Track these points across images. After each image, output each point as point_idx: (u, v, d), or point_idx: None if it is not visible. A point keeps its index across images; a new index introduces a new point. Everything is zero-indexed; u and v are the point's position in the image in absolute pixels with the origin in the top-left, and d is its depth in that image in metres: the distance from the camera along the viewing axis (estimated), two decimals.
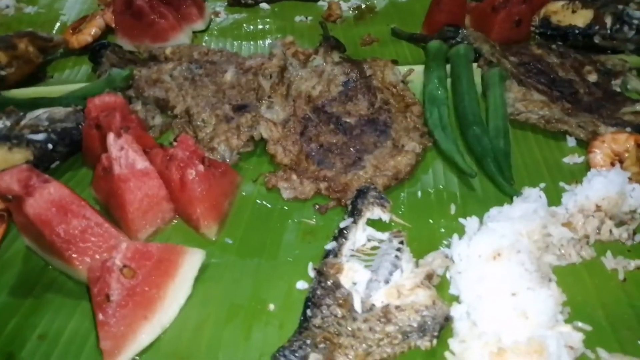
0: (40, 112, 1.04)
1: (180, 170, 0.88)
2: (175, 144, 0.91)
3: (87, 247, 0.76)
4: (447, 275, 0.80)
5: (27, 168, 0.77)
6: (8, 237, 0.90)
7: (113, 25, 1.43)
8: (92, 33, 1.42)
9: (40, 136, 0.98)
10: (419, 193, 0.95)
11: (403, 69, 1.18)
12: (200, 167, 0.89)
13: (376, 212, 0.87)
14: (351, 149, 1.01)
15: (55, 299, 0.79)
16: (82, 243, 0.75)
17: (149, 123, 1.11)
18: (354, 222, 0.85)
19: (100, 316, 0.67)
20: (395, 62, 1.24)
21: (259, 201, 0.96)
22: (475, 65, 1.20)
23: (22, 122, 1.01)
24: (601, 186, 0.87)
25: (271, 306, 0.77)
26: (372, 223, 0.86)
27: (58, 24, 1.56)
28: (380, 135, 1.03)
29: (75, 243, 0.75)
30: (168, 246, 0.77)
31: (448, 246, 0.84)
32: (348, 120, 1.06)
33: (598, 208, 0.85)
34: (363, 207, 0.86)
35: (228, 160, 1.02)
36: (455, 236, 0.83)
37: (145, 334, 0.70)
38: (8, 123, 1.00)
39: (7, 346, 0.73)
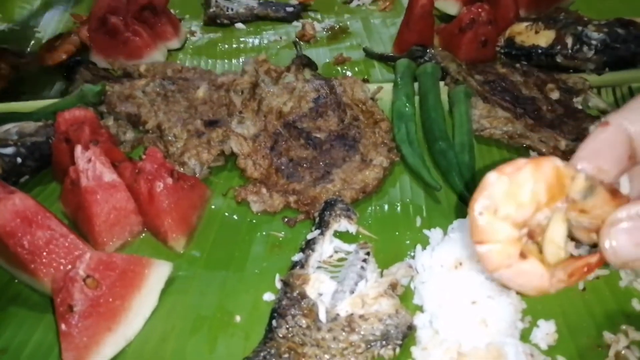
0: (9, 126, 1.04)
1: (148, 183, 0.88)
2: (144, 157, 0.91)
3: (52, 258, 0.76)
4: (411, 286, 0.82)
5: None
6: None
7: (88, 43, 1.44)
8: (66, 50, 1.43)
9: (9, 150, 0.98)
10: (386, 206, 0.97)
11: (373, 86, 1.21)
12: (169, 180, 0.89)
13: (343, 224, 0.88)
14: (320, 163, 1.02)
15: (19, 312, 0.78)
16: (47, 254, 0.75)
17: (121, 138, 1.12)
18: (321, 233, 0.86)
19: (63, 327, 0.67)
20: (366, 81, 1.28)
21: (227, 214, 0.96)
22: (442, 83, 1.24)
23: None
24: None
25: (237, 318, 0.78)
26: (339, 235, 0.88)
27: (33, 42, 1.56)
28: (349, 150, 1.05)
29: (39, 254, 0.75)
30: (133, 257, 0.77)
31: (413, 257, 0.85)
32: (318, 135, 1.08)
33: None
34: (330, 219, 0.87)
35: (198, 174, 1.03)
36: (419, 247, 0.85)
37: (109, 346, 0.70)
38: None
39: None
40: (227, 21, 1.63)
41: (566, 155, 1.05)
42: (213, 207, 0.98)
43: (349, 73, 1.37)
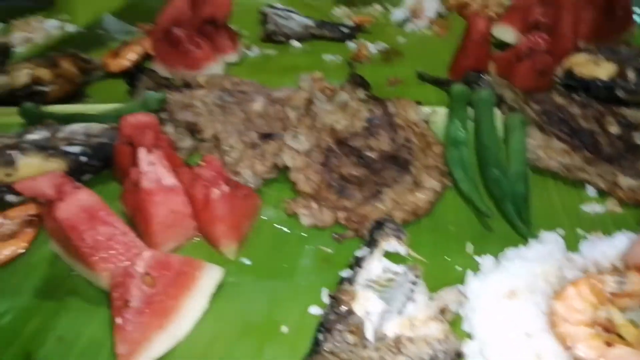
0: (77, 126, 1.09)
1: (204, 189, 0.91)
2: (202, 164, 0.94)
3: (111, 254, 0.78)
4: (461, 312, 0.80)
5: (61, 174, 0.81)
6: (37, 241, 0.93)
7: (151, 52, 1.50)
8: (130, 58, 1.49)
9: (76, 149, 1.03)
10: (437, 230, 0.97)
11: (427, 110, 1.21)
12: (225, 188, 0.92)
13: (393, 244, 0.88)
14: (371, 182, 1.03)
15: (77, 303, 0.81)
16: (107, 250, 0.78)
17: (178, 145, 1.16)
18: (371, 252, 0.86)
19: (119, 320, 0.69)
20: (419, 103, 1.28)
21: (278, 226, 0.98)
22: (497, 110, 1.23)
23: (59, 135, 1.06)
24: (623, 245, 0.84)
25: (284, 328, 0.78)
26: (388, 255, 0.87)
27: (100, 48, 1.64)
28: (401, 171, 1.05)
29: (100, 249, 0.78)
30: (188, 259, 0.79)
31: (463, 283, 0.84)
32: (370, 154, 1.09)
33: (615, 268, 0.83)
34: (380, 238, 0.87)
35: (251, 184, 1.05)
36: (470, 273, 0.84)
37: (160, 343, 0.72)
38: (46, 134, 1.05)
39: (27, 345, 0.75)
40: (283, 38, 1.67)
41: (625, 193, 1.03)
42: (264, 217, 1.00)
43: (401, 95, 1.38)
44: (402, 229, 0.89)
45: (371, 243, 0.87)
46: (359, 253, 0.86)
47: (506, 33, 1.54)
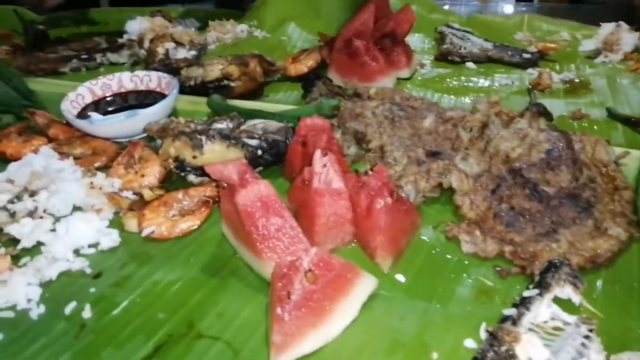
0: (257, 121, 1.17)
1: (369, 197, 0.91)
2: (370, 172, 0.94)
3: (277, 245, 0.82)
4: None
5: (245, 164, 0.87)
6: (210, 220, 1.01)
7: (327, 61, 1.56)
8: (308, 64, 1.57)
9: (254, 142, 1.10)
10: (618, 285, 0.85)
11: (618, 150, 1.09)
12: (389, 199, 0.91)
13: (566, 291, 0.80)
14: (546, 219, 0.94)
15: (237, 284, 0.86)
16: (274, 240, 0.81)
17: (344, 152, 1.18)
18: (540, 294, 0.78)
19: (279, 310, 0.71)
20: (607, 142, 1.15)
21: (436, 247, 0.94)
22: None
23: (242, 127, 1.14)
24: None
25: (434, 354, 0.74)
26: (558, 301, 0.79)
27: (281, 52, 1.75)
28: (581, 213, 0.95)
29: (268, 238, 0.82)
30: (348, 264, 0.79)
31: None
32: (546, 189, 1.00)
33: None
34: (553, 282, 0.79)
35: (413, 200, 1.03)
36: None
37: (310, 342, 0.72)
38: (231, 125, 1.14)
39: (190, 314, 0.81)
40: (459, 59, 1.63)
41: None
42: (422, 237, 0.97)
43: (586, 131, 1.26)
44: (580, 277, 0.80)
45: (541, 285, 0.80)
46: (526, 293, 0.79)
47: None
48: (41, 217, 1.03)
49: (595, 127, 1.28)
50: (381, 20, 1.48)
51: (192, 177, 1.11)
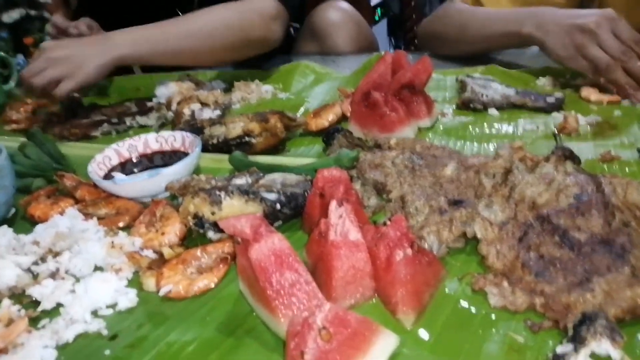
0: (276, 175, 1.17)
1: (388, 249, 0.88)
2: (388, 223, 0.92)
3: (292, 301, 0.79)
4: None
5: (259, 217, 0.86)
6: (227, 278, 1.00)
7: (347, 114, 1.57)
8: (329, 119, 1.58)
9: (272, 196, 1.10)
10: None
11: None
12: (409, 251, 0.88)
13: (604, 346, 0.73)
14: (578, 267, 0.89)
15: (253, 344, 0.83)
16: (289, 296, 0.79)
17: (365, 203, 1.16)
18: (575, 350, 0.72)
19: None
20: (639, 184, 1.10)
21: (462, 302, 0.89)
22: None
23: (260, 182, 1.15)
24: None
25: None
26: (596, 358, 0.73)
27: (302, 109, 1.78)
28: (616, 260, 0.89)
29: (283, 295, 0.79)
30: (365, 320, 0.75)
31: None
32: (577, 235, 0.95)
33: None
34: (589, 336, 0.73)
35: (435, 251, 0.99)
36: None
37: None
38: (250, 180, 1.15)
39: None
40: (481, 106, 1.61)
41: None
42: (446, 290, 0.92)
43: (617, 173, 1.20)
44: (618, 330, 0.74)
45: (576, 339, 0.74)
46: (559, 349, 0.73)
47: None
48: (63, 278, 1.04)
49: (627, 169, 1.23)
50: (399, 72, 1.49)
51: (211, 234, 1.11)
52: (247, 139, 1.44)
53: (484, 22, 1.88)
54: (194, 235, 1.13)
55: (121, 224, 1.21)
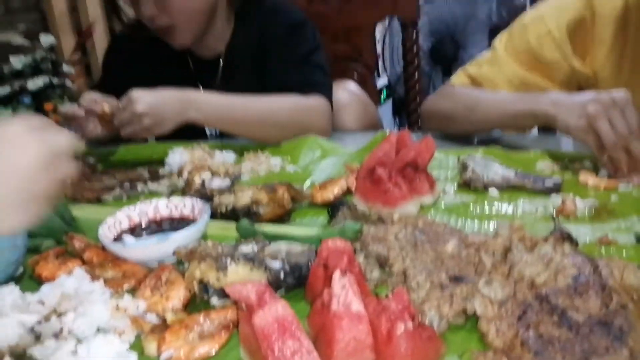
0: (281, 244, 1.20)
1: (390, 322, 0.89)
2: (390, 296, 0.94)
3: None
4: None
5: (264, 284, 0.89)
6: (229, 345, 1.00)
7: (352, 189, 1.63)
8: (334, 192, 1.63)
9: (277, 264, 1.12)
10: None
11: None
12: (410, 324, 0.89)
13: None
14: (576, 347, 0.90)
15: None
16: None
17: (367, 275, 1.18)
18: None
19: None
20: (638, 268, 1.12)
21: None
22: None
23: (266, 250, 1.18)
24: None
25: None
26: None
27: (309, 181, 1.84)
28: (615, 341, 0.90)
29: None
30: None
31: None
32: (575, 316, 0.97)
33: None
34: None
35: (436, 327, 1.00)
36: None
37: None
38: (255, 248, 1.18)
39: None
40: (481, 186, 1.66)
41: None
42: None
43: (615, 256, 1.23)
44: None
45: None
46: None
47: None
48: (65, 339, 1.04)
49: (624, 253, 1.25)
50: (403, 150, 1.56)
51: (214, 300, 1.12)
52: (255, 208, 1.48)
53: (495, 102, 1.95)
54: (198, 301, 1.15)
55: (126, 286, 1.23)
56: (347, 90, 2.60)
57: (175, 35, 2.21)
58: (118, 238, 1.40)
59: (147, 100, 1.94)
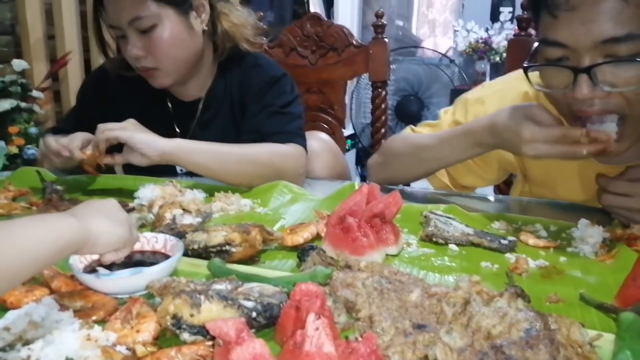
0: (254, 285, 1.24)
1: None
2: (360, 339, 0.99)
3: None
4: None
5: (242, 322, 0.93)
6: None
7: (322, 234, 1.69)
8: (304, 236, 1.69)
9: (249, 304, 1.16)
10: None
11: (592, 332, 1.16)
12: None
13: None
14: None
15: None
16: None
17: (335, 319, 1.23)
18: None
19: None
20: (582, 325, 1.22)
21: None
22: None
23: (239, 289, 1.22)
24: None
25: None
26: None
27: (278, 224, 1.89)
28: None
29: None
30: None
31: None
32: None
33: None
34: None
35: None
36: None
37: None
38: (229, 287, 1.22)
39: None
40: (442, 241, 1.76)
41: None
42: None
43: (562, 314, 1.33)
44: None
45: None
46: None
47: None
48: None
49: (571, 311, 1.36)
50: (372, 202, 1.64)
51: (186, 336, 1.14)
52: (227, 247, 1.52)
53: (439, 135, 2.11)
54: (168, 335, 1.16)
55: (95, 318, 1.23)
56: (319, 140, 2.71)
57: (157, 76, 2.28)
58: (89, 268, 1.40)
59: (123, 128, 2.04)
